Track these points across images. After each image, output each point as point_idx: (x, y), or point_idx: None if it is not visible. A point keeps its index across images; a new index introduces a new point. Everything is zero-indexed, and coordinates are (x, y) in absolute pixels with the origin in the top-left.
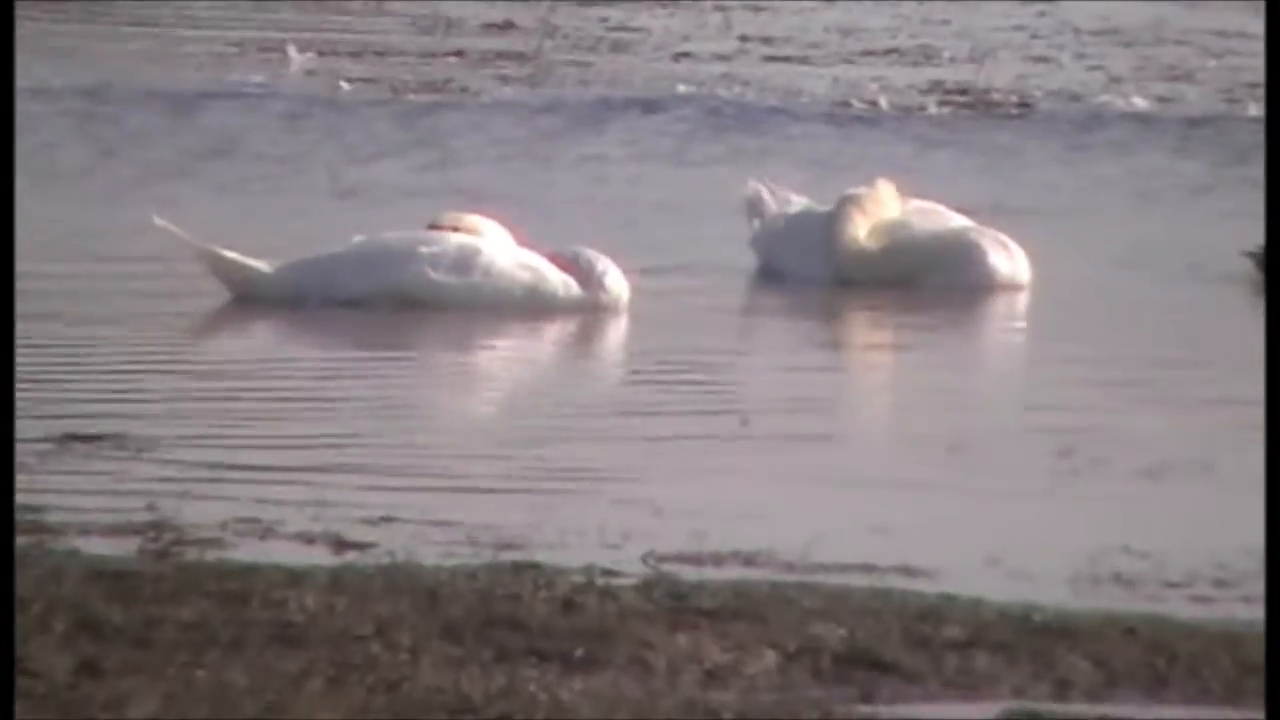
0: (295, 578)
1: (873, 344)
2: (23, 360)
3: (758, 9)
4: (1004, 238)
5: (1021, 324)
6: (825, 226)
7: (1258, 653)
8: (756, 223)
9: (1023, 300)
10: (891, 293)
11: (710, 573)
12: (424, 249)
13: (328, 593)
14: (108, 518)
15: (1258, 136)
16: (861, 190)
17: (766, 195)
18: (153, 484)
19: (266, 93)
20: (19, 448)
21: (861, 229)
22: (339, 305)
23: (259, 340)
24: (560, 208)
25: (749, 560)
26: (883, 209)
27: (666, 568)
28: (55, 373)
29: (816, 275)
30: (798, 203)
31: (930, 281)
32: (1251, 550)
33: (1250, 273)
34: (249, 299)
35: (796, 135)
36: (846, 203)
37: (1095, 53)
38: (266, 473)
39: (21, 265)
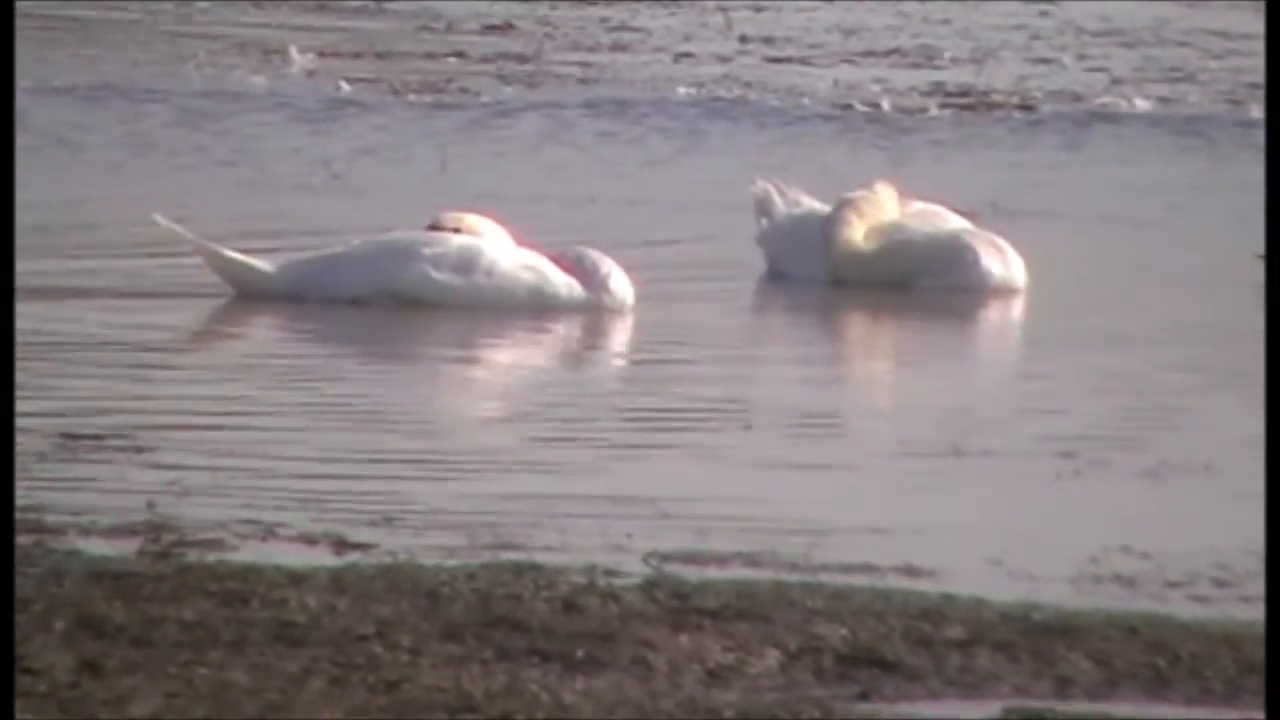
0: (296, 578)
1: (874, 346)
2: (23, 359)
3: (759, 9)
4: (998, 240)
5: (1022, 325)
6: (822, 228)
7: (1258, 652)
8: (764, 222)
9: (1022, 301)
10: (888, 294)
11: (713, 573)
12: (426, 249)
13: (329, 593)
14: (108, 518)
15: (1260, 137)
16: (859, 192)
17: (775, 195)
18: (153, 484)
19: (268, 93)
20: (20, 447)
21: (858, 231)
22: (341, 305)
23: (261, 339)
24: (560, 208)
25: (751, 560)
26: (881, 211)
27: (669, 568)
28: (55, 372)
29: (817, 276)
30: (807, 202)
31: (924, 284)
32: (1252, 550)
33: (1259, 273)
34: (251, 298)
35: (797, 136)
36: (843, 205)
37: (1097, 54)
38: (268, 474)
39: (22, 264)
